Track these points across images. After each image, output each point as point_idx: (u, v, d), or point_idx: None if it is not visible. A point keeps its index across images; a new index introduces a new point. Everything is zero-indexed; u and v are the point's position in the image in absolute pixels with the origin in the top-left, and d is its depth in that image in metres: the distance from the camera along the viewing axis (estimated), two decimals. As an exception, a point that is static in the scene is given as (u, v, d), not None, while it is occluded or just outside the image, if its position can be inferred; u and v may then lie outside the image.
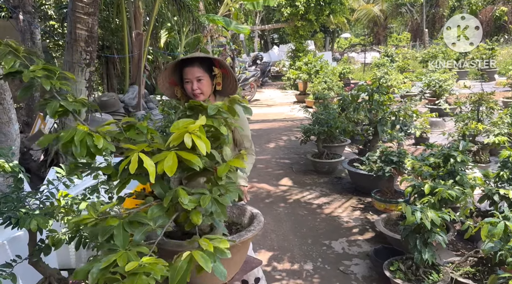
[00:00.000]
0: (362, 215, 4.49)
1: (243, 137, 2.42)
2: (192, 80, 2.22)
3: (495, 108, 6.00)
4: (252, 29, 18.94)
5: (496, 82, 13.42)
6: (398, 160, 4.28)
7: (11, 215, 2.16)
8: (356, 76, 17.13)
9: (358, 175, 5.01)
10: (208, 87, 2.27)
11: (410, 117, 5.54)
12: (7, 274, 2.15)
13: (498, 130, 5.22)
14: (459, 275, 2.89)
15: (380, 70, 12.16)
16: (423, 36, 25.87)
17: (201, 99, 2.24)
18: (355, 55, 24.96)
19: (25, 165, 3.79)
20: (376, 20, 26.02)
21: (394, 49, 18.66)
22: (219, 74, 2.28)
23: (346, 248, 3.76)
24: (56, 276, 2.43)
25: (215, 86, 2.30)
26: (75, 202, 2.46)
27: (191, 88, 2.23)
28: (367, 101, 5.38)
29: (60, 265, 3.12)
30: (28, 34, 5.80)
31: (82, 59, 3.91)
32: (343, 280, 3.24)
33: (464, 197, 2.98)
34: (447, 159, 3.46)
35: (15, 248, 2.54)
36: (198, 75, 2.21)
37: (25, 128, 5.76)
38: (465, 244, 3.72)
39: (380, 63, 14.95)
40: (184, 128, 1.20)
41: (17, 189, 2.33)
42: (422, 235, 2.77)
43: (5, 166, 2.17)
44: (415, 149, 6.99)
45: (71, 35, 3.88)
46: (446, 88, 9.56)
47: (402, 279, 2.83)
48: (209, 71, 2.25)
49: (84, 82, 3.94)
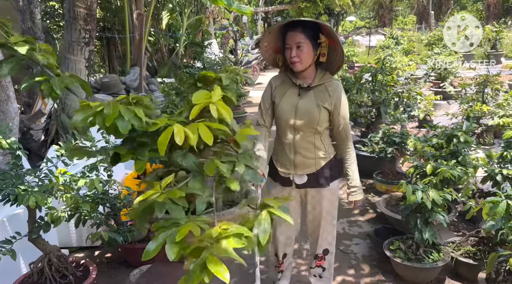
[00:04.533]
0: (364, 196, 4.47)
1: (345, 126, 2.17)
2: (292, 46, 2.02)
3: (500, 90, 5.92)
4: (255, 11, 18.69)
5: (503, 65, 13.23)
6: (401, 141, 4.24)
7: (9, 192, 2.16)
8: (360, 59, 16.94)
9: (360, 156, 4.94)
10: (308, 56, 2.05)
11: (414, 99, 5.47)
12: (7, 250, 2.16)
13: (503, 112, 5.16)
14: (460, 254, 2.88)
15: (385, 52, 12.01)
16: (429, 19, 25.46)
17: (298, 68, 2.07)
18: (360, 39, 24.63)
19: (25, 145, 3.79)
20: (382, 3, 25.62)
21: (400, 32, 18.40)
22: (325, 43, 2.06)
23: (347, 228, 3.75)
24: (56, 253, 2.45)
25: (319, 57, 2.09)
26: (73, 179, 2.46)
27: (290, 55, 2.04)
28: (370, 82, 5.31)
29: (61, 243, 3.14)
30: (27, 14, 5.73)
31: (81, 38, 3.86)
32: (343, 259, 3.24)
33: (466, 177, 2.95)
34: (450, 139, 3.42)
35: (14, 225, 2.55)
36: (298, 41, 2.01)
37: (26, 109, 5.74)
38: (467, 224, 3.70)
39: (385, 46, 14.77)
40: (207, 99, 1.15)
41: (15, 166, 2.32)
42: (423, 215, 2.76)
43: (2, 142, 2.15)
44: (418, 131, 6.93)
45: (70, 13, 3.83)
46: (451, 71, 9.44)
47: (402, 258, 2.82)
48: (313, 39, 2.04)
49: (83, 62, 3.91)
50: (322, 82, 2.12)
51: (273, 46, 2.18)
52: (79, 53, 3.87)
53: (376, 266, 3.13)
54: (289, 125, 2.17)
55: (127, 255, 3.13)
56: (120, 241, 2.66)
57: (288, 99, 2.16)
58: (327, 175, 2.23)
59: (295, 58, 2.04)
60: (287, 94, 2.17)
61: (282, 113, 2.17)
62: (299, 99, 2.13)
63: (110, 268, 3.14)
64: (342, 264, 3.17)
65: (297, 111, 2.13)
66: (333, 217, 2.38)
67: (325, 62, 2.12)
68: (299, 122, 2.13)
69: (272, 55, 2.22)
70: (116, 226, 2.85)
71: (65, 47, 3.93)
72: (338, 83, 2.15)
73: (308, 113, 2.10)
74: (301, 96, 2.14)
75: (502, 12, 24.09)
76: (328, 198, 2.29)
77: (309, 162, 2.19)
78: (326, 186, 2.24)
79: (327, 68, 2.17)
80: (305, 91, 2.14)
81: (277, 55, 2.21)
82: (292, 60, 2.05)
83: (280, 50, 2.17)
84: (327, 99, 2.10)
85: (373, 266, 3.14)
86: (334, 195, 2.32)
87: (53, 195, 2.30)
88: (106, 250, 3.32)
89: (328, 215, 2.34)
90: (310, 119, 2.10)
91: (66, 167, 2.50)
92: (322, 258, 2.45)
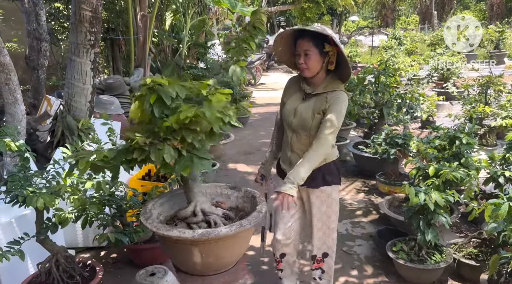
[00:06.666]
0: (366, 198, 4.50)
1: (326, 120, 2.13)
2: (300, 53, 2.15)
3: (503, 91, 5.92)
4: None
5: (506, 65, 13.20)
6: (403, 142, 4.26)
7: (18, 193, 2.20)
8: (363, 59, 16.90)
9: (363, 157, 5.01)
10: (315, 63, 2.15)
11: (416, 100, 5.49)
12: (15, 251, 2.20)
13: (505, 113, 5.16)
14: (462, 256, 2.91)
15: (388, 53, 12.00)
16: (432, 19, 25.38)
17: (306, 74, 2.19)
18: (363, 39, 24.58)
19: (31, 146, 3.82)
20: (385, 3, 25.57)
21: (403, 32, 18.37)
22: (333, 52, 2.15)
23: (350, 229, 3.78)
24: (63, 253, 2.48)
25: (327, 65, 2.19)
26: (80, 181, 2.49)
27: (298, 61, 2.16)
28: (373, 83, 5.33)
29: (68, 244, 3.17)
30: (33, 16, 5.76)
31: (87, 41, 3.89)
32: (346, 260, 3.27)
33: (469, 179, 2.97)
34: (452, 141, 3.44)
35: (22, 226, 2.59)
36: (306, 49, 2.12)
37: (31, 110, 5.78)
38: (470, 226, 3.72)
39: (387, 46, 14.76)
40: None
41: (23, 168, 2.36)
42: (426, 216, 2.78)
43: (11, 145, 2.19)
44: (421, 132, 6.94)
45: (76, 16, 3.86)
46: (454, 72, 9.43)
47: (405, 259, 2.85)
48: (322, 47, 2.13)
49: (89, 64, 3.93)
50: (325, 91, 2.19)
51: (288, 50, 2.28)
52: (85, 55, 3.89)
53: (379, 267, 3.16)
54: (289, 126, 2.31)
55: (133, 256, 3.16)
56: (126, 241, 2.70)
57: (292, 101, 2.30)
58: (322, 177, 2.29)
59: (303, 65, 2.15)
60: (293, 97, 2.31)
61: (285, 113, 2.32)
62: (301, 104, 2.26)
63: (116, 268, 3.18)
64: (345, 265, 3.19)
65: (295, 114, 2.26)
66: (331, 220, 2.40)
67: (335, 70, 2.20)
68: (296, 124, 2.26)
69: (291, 58, 2.30)
70: (122, 226, 2.89)
71: (71, 49, 3.96)
72: (342, 93, 2.18)
73: (303, 119, 2.22)
74: (304, 101, 2.26)
75: (505, 12, 23.97)
76: (322, 200, 2.34)
77: None
78: (318, 187, 2.30)
79: (340, 76, 2.23)
80: (308, 97, 2.25)
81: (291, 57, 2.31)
82: (300, 67, 2.17)
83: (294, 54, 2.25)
84: (323, 105, 2.17)
85: (376, 267, 3.17)
86: (329, 198, 2.35)
87: (61, 196, 2.34)
88: (112, 250, 3.36)
89: (323, 216, 2.37)
90: (304, 124, 2.22)
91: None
92: (321, 260, 2.49)
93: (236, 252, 2.19)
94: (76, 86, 3.95)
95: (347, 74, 2.22)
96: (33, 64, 5.82)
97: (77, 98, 3.98)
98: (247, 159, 5.96)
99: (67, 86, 4.02)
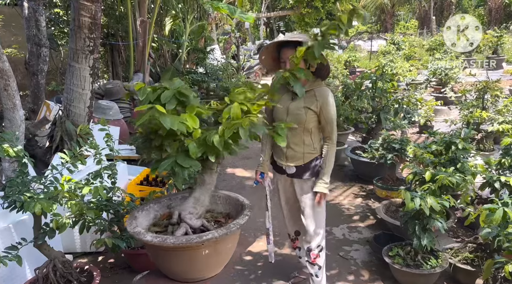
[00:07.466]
0: (364, 202, 4.51)
1: (329, 125, 2.49)
2: (285, 60, 2.41)
3: (500, 96, 5.95)
4: (257, 16, 18.79)
5: (504, 70, 13.25)
6: (400, 147, 4.28)
7: (16, 199, 2.21)
8: (362, 64, 16.98)
9: (360, 162, 5.03)
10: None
11: (414, 105, 5.51)
12: (13, 256, 2.21)
13: (502, 118, 5.19)
14: (458, 260, 2.92)
15: (386, 58, 12.06)
16: (431, 23, 25.51)
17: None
18: (362, 43, 24.64)
19: (30, 152, 3.85)
20: (384, 7, 25.69)
21: (401, 37, 18.45)
22: None
23: (347, 234, 3.79)
24: (61, 258, 2.49)
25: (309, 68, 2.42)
26: (78, 186, 2.51)
27: (284, 68, 2.40)
28: (370, 89, 5.36)
29: (65, 249, 3.18)
30: (33, 21, 5.81)
31: (86, 46, 3.93)
32: (342, 264, 3.28)
33: (465, 184, 2.99)
34: (448, 146, 3.46)
35: (20, 231, 2.60)
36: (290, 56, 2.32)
37: (31, 116, 5.81)
38: (466, 231, 3.74)
39: (386, 51, 14.82)
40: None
41: (21, 173, 2.37)
42: (421, 221, 2.80)
43: (10, 150, 2.21)
44: (419, 136, 6.97)
45: (75, 22, 3.89)
46: (452, 76, 9.46)
47: (401, 264, 2.86)
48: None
49: (88, 69, 3.97)
50: (311, 88, 2.48)
51: (271, 57, 2.57)
52: (84, 61, 3.93)
53: (375, 272, 3.17)
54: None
55: (130, 261, 3.17)
56: (123, 246, 2.71)
57: (283, 102, 2.54)
58: (314, 170, 2.55)
59: None
60: (282, 98, 2.54)
61: (277, 113, 2.57)
62: (291, 102, 2.52)
63: (114, 273, 3.19)
64: (342, 270, 3.20)
65: (288, 112, 2.51)
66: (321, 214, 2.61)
67: (316, 71, 2.48)
68: (290, 122, 2.44)
69: (273, 63, 2.60)
70: (119, 231, 2.90)
71: (70, 55, 3.99)
72: (326, 89, 2.51)
73: (297, 115, 2.48)
74: (293, 100, 2.52)
75: (504, 17, 24.10)
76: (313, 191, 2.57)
77: (298, 156, 2.54)
78: (310, 178, 2.56)
79: (319, 75, 2.52)
80: (297, 96, 2.47)
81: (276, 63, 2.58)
82: None
83: (277, 59, 2.54)
84: (314, 102, 2.46)
85: (372, 272, 3.18)
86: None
87: (58, 201, 2.35)
88: (109, 255, 3.37)
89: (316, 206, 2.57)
90: (298, 119, 2.47)
91: (71, 174, 2.56)
92: (317, 256, 2.63)
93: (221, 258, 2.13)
94: (75, 92, 3.98)
95: (325, 74, 2.53)
96: (32, 70, 5.86)
97: (76, 104, 4.01)
98: (245, 163, 5.98)
99: (66, 92, 4.05)
